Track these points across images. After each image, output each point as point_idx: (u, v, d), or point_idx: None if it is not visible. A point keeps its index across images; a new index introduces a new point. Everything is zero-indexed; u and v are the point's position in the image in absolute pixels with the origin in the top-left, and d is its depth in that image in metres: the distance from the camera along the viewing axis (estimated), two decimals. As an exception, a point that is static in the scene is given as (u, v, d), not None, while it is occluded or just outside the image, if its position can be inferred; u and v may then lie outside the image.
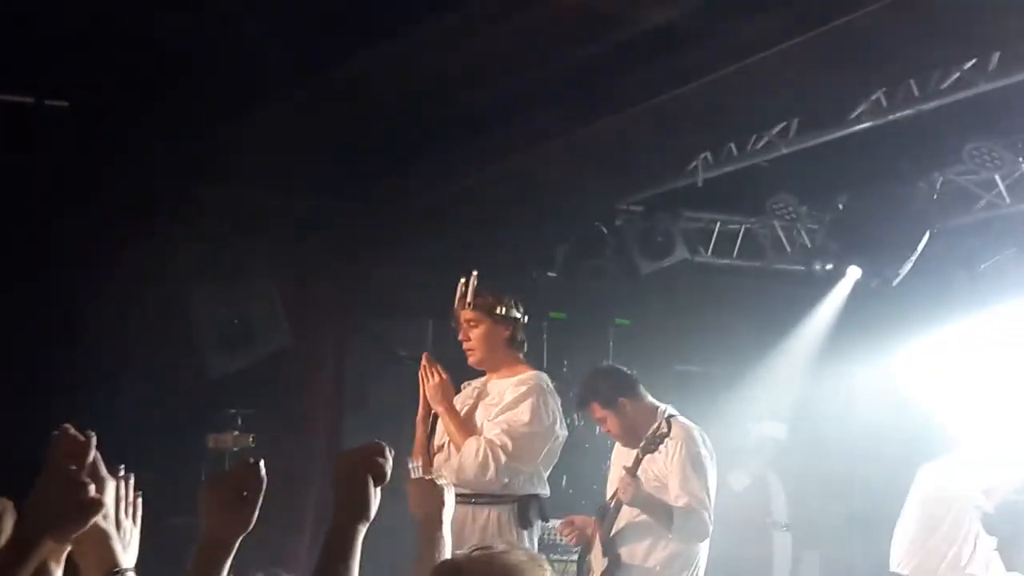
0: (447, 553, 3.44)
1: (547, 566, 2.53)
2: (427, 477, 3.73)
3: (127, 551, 2.69)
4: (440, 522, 3.57)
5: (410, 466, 3.78)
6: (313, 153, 7.04)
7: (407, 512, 3.69)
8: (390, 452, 2.57)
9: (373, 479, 2.51)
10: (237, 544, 2.52)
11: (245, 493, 2.52)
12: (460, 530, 5.49)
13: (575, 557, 6.62)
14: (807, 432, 8.79)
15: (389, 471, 2.54)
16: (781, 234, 8.78)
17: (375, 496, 2.51)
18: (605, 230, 8.40)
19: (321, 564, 2.42)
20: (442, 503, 3.58)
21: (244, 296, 7.44)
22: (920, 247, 7.78)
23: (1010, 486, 6.56)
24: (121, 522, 2.68)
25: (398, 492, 3.65)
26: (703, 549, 5.98)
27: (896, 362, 8.17)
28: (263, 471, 2.55)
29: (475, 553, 2.62)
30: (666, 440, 5.83)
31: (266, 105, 6.52)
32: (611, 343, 8.72)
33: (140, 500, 2.70)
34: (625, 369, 6.32)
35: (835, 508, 8.94)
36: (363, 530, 2.46)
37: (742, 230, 8.90)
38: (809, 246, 8.66)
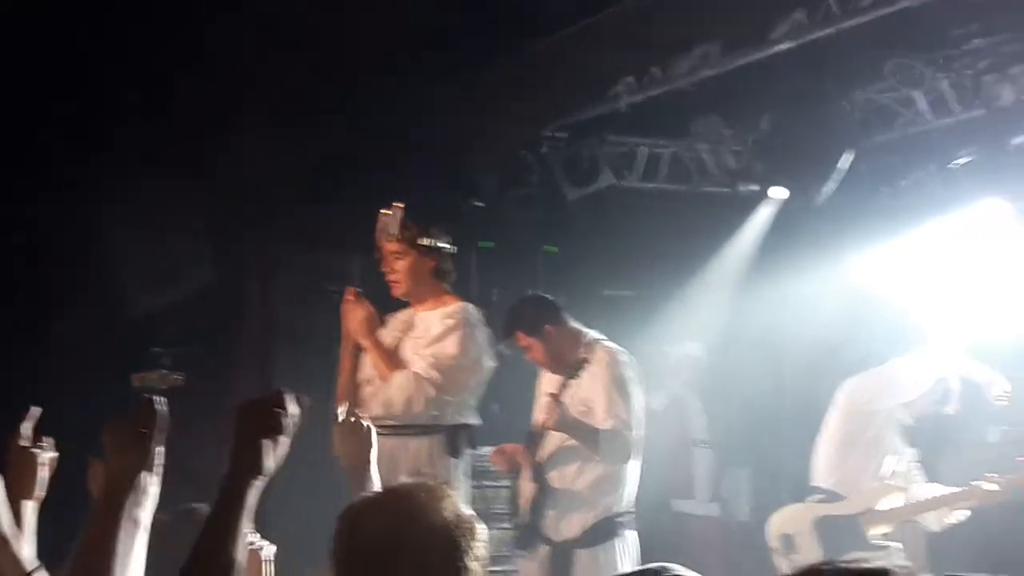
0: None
1: (446, 497, 2.54)
2: (351, 419, 3.66)
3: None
4: (368, 463, 3.55)
5: (337, 411, 3.71)
6: (235, 81, 6.96)
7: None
8: (293, 401, 2.45)
9: (269, 431, 2.40)
10: (136, 482, 2.51)
11: (143, 431, 2.53)
12: (391, 461, 5.56)
13: (506, 483, 6.70)
14: (735, 351, 8.90)
15: (288, 423, 2.42)
16: (706, 157, 8.81)
17: (271, 449, 2.39)
18: (531, 157, 8.39)
19: (208, 521, 2.35)
20: (369, 444, 3.56)
21: (166, 232, 7.38)
22: (843, 166, 7.84)
23: (930, 399, 6.71)
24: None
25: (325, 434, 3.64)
26: (633, 470, 6.06)
27: (821, 280, 8.26)
28: (161, 408, 2.55)
29: (374, 500, 2.62)
30: (587, 364, 5.90)
31: (176, 42, 6.44)
32: (540, 270, 8.74)
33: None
34: (549, 296, 6.36)
35: (762, 425, 9.07)
36: (258, 485, 2.36)
37: (668, 154, 8.91)
38: (734, 168, 8.70)
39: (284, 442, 2.42)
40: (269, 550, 3.44)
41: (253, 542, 3.42)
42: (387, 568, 2.46)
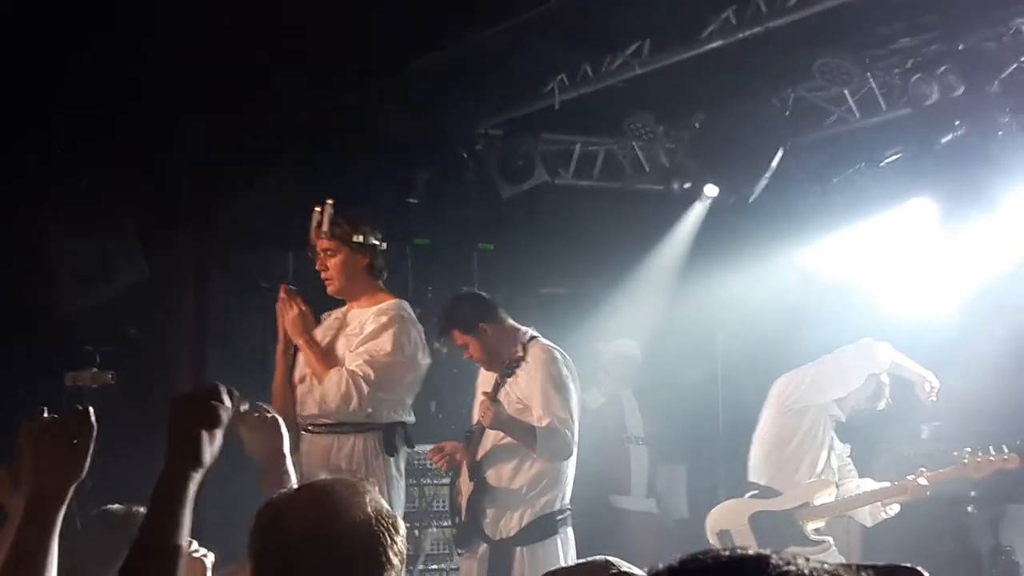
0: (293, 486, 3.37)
1: (366, 492, 2.51)
2: (254, 413, 3.55)
3: None
4: (283, 456, 3.46)
5: (243, 408, 3.59)
6: (167, 79, 6.89)
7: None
8: (228, 394, 2.47)
9: (206, 424, 2.40)
10: (70, 493, 2.48)
11: (75, 440, 2.49)
12: (326, 459, 5.54)
13: (447, 481, 6.69)
14: (669, 348, 8.95)
15: (224, 415, 2.44)
16: (640, 154, 8.87)
17: (209, 441, 2.39)
18: (465, 155, 8.38)
19: (150, 513, 2.33)
20: (279, 436, 3.46)
21: (99, 229, 7.29)
22: (774, 164, 7.91)
23: (861, 395, 6.78)
24: None
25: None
26: (569, 467, 6.07)
27: (753, 276, 8.33)
28: (93, 417, 2.52)
29: (294, 495, 2.58)
30: (523, 362, 5.90)
31: (116, 27, 6.37)
32: (475, 268, 8.74)
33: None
34: (484, 294, 6.35)
35: (699, 422, 9.14)
36: (196, 477, 2.35)
37: (602, 151, 8.95)
38: (667, 166, 8.76)
39: (219, 435, 2.42)
40: (210, 558, 3.40)
41: (197, 549, 3.38)
42: (308, 563, 2.43)
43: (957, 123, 7.47)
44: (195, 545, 3.34)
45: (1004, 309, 7.65)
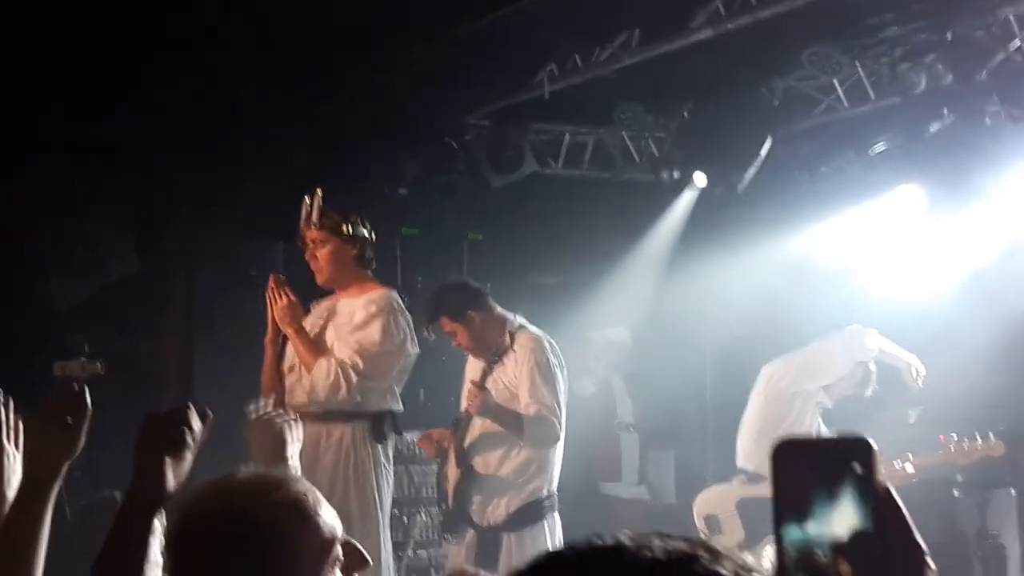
0: None
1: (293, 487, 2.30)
2: (263, 418, 3.53)
3: (13, 476, 2.67)
4: (285, 460, 3.45)
5: (249, 408, 3.61)
6: (156, 70, 6.90)
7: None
8: (197, 416, 2.37)
9: (170, 450, 2.31)
10: (64, 470, 2.52)
11: (70, 420, 2.54)
12: (315, 447, 5.56)
13: (435, 468, 6.72)
14: (659, 337, 8.98)
15: (192, 438, 2.35)
16: (629, 144, 8.89)
17: (173, 468, 2.29)
18: (455, 145, 8.39)
19: (114, 536, 2.24)
20: (284, 441, 3.44)
21: (88, 219, 7.30)
22: (763, 152, 7.93)
23: (848, 382, 6.82)
24: (5, 447, 2.68)
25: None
26: (556, 454, 6.11)
27: (742, 265, 8.36)
28: (88, 398, 2.56)
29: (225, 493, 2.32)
30: (511, 350, 5.93)
31: (106, 19, 6.37)
32: (465, 257, 8.76)
33: (21, 425, 2.71)
34: (472, 282, 6.38)
35: (688, 409, 9.17)
36: (158, 505, 2.27)
37: (591, 141, 8.97)
38: (657, 155, 8.78)
39: (187, 458, 2.34)
40: None
41: None
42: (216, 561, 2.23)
43: (945, 112, 7.50)
44: None
45: (990, 295, 7.68)
